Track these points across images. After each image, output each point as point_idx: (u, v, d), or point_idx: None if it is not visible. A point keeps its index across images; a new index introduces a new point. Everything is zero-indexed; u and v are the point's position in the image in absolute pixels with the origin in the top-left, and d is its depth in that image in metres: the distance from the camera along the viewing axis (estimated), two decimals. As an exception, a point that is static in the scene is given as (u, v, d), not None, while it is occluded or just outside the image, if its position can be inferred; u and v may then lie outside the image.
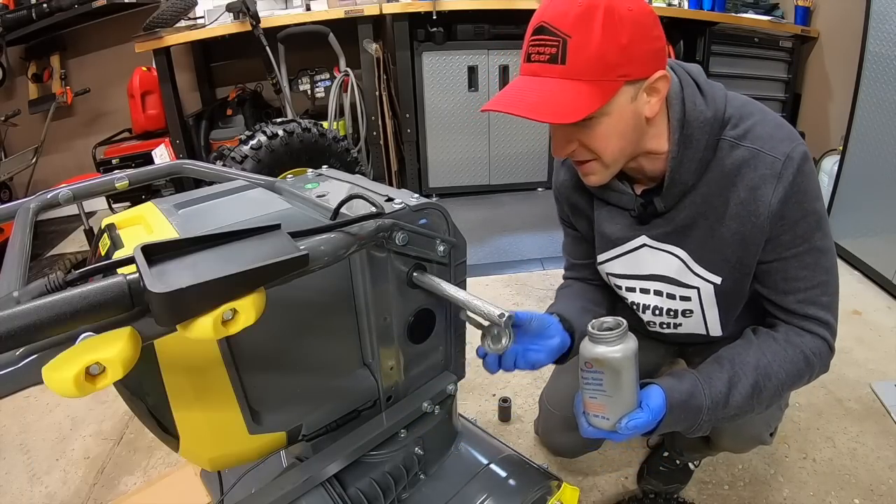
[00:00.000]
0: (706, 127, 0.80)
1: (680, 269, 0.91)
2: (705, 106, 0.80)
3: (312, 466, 0.72)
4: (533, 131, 3.15)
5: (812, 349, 0.84)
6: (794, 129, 0.83)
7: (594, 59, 0.70)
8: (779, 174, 0.78)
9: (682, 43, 3.10)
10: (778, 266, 0.85)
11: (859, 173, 2.20)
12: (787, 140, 0.79)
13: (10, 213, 0.88)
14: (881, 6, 1.98)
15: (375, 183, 0.78)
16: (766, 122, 0.81)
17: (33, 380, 0.41)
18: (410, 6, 2.77)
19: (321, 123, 2.43)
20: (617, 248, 0.96)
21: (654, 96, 0.76)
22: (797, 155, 0.78)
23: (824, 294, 0.85)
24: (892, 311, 1.97)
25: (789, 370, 0.83)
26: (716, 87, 0.84)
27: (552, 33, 0.71)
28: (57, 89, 3.24)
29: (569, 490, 0.88)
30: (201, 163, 1.09)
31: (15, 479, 1.45)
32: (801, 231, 0.82)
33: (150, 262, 0.42)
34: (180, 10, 2.74)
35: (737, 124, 0.81)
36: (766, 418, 0.98)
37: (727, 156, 0.81)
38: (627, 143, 0.79)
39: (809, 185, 0.80)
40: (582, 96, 0.71)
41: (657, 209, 0.88)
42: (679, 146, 0.81)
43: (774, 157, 0.78)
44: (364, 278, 0.68)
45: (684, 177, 0.83)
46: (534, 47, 0.73)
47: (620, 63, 0.70)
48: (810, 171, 0.80)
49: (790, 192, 0.79)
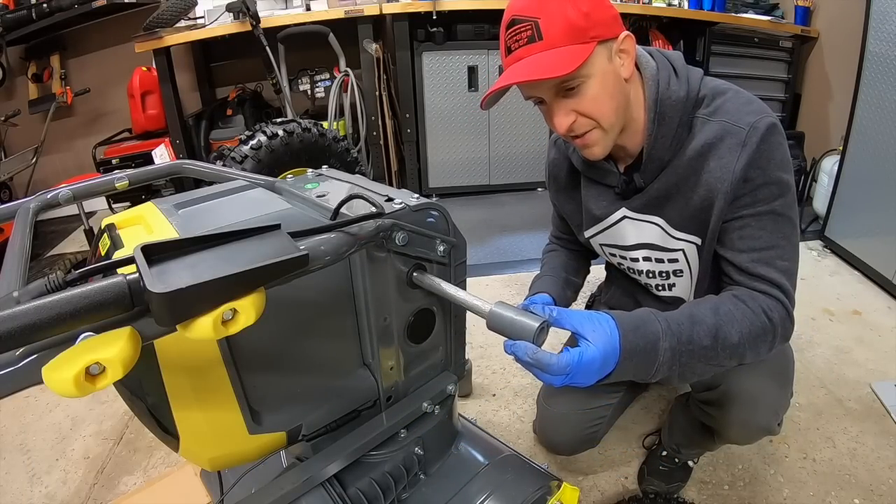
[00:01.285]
0: (678, 105, 0.87)
1: (661, 235, 0.97)
2: (678, 86, 0.87)
3: (312, 466, 0.72)
4: (533, 131, 3.15)
5: (768, 307, 0.81)
6: (766, 106, 0.87)
7: (566, 27, 0.77)
8: (743, 142, 0.83)
9: (682, 43, 3.10)
10: (736, 224, 0.86)
11: (859, 173, 2.20)
12: (755, 113, 0.84)
13: (10, 213, 0.88)
14: (881, 6, 1.98)
15: (375, 183, 0.78)
16: (737, 99, 0.87)
17: (33, 380, 0.41)
18: (410, 6, 2.77)
19: (321, 123, 2.43)
20: (601, 223, 1.04)
21: (625, 58, 0.84)
22: (762, 125, 0.83)
23: (780, 258, 0.84)
24: (892, 311, 1.96)
25: (752, 321, 0.79)
26: (693, 70, 0.91)
27: (523, 20, 0.79)
28: (57, 89, 3.24)
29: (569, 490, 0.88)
30: (201, 163, 1.09)
31: (15, 479, 1.45)
32: (762, 195, 0.84)
33: (150, 262, 0.42)
34: (180, 10, 2.73)
35: (709, 103, 0.88)
36: (773, 407, 0.98)
37: (700, 132, 0.87)
38: (617, 104, 0.85)
39: (774, 153, 0.84)
40: (565, 56, 0.78)
41: (637, 185, 0.94)
42: (654, 124, 0.88)
43: (740, 128, 0.83)
44: (364, 278, 0.68)
45: (660, 152, 0.89)
46: (511, 38, 0.81)
47: (588, 26, 0.78)
48: (777, 142, 0.84)
49: (753, 157, 0.82)
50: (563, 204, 1.13)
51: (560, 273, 1.15)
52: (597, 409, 1.22)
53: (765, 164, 0.83)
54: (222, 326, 0.43)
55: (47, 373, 0.38)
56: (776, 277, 0.83)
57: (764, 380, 0.97)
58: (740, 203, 0.85)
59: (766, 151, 0.82)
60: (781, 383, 1.00)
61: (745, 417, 0.98)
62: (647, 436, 1.44)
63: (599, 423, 1.22)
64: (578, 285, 1.20)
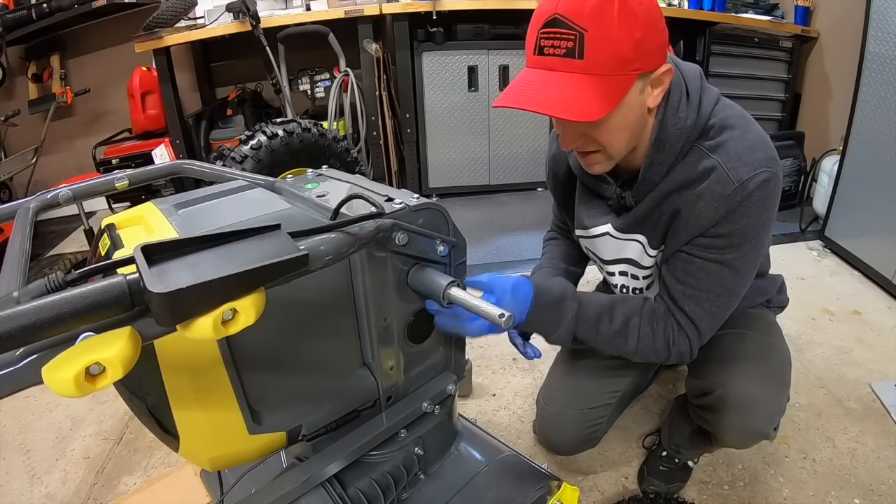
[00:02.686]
0: (682, 134, 0.82)
1: (640, 252, 0.97)
2: (686, 113, 0.81)
3: (312, 466, 0.72)
4: (533, 131, 3.15)
5: (673, 339, 0.90)
6: (772, 152, 0.82)
7: (612, 54, 0.70)
8: (726, 196, 0.80)
9: (682, 43, 3.10)
10: (685, 257, 0.88)
11: (859, 173, 2.20)
12: (753, 165, 0.79)
13: (10, 213, 0.88)
14: (881, 6, 1.98)
15: (375, 183, 0.78)
16: (744, 139, 0.81)
17: (33, 380, 0.41)
18: (410, 6, 2.77)
19: (321, 123, 2.43)
20: (586, 231, 1.04)
21: (657, 88, 0.78)
22: (753, 184, 0.79)
23: (710, 302, 0.87)
24: (892, 311, 1.96)
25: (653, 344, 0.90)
26: (710, 93, 0.85)
27: (568, 26, 0.70)
28: (57, 89, 3.23)
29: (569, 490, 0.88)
30: (201, 163, 1.09)
31: (15, 479, 1.45)
32: (719, 243, 0.83)
33: (150, 262, 0.42)
34: (180, 10, 2.73)
35: (714, 136, 0.82)
36: (769, 412, 0.98)
37: (695, 162, 0.83)
38: (632, 136, 0.82)
39: (752, 211, 0.80)
40: (601, 92, 0.71)
41: (627, 204, 0.93)
42: (653, 148, 0.84)
43: (730, 179, 0.79)
44: (364, 278, 0.68)
45: (654, 177, 0.87)
46: (547, 40, 0.72)
47: (635, 57, 0.71)
48: (760, 200, 0.80)
49: (729, 213, 0.80)
50: (558, 198, 1.15)
51: (559, 264, 1.17)
52: (596, 409, 1.22)
53: (737, 220, 0.81)
54: (222, 326, 0.43)
55: (47, 373, 0.38)
56: (696, 316, 0.88)
57: (760, 385, 0.96)
58: (698, 242, 0.85)
59: (744, 210, 0.80)
60: (778, 388, 0.99)
61: (741, 423, 0.97)
62: (647, 436, 1.44)
63: (599, 423, 1.22)
64: (578, 274, 1.21)
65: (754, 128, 0.84)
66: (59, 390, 0.38)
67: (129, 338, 0.41)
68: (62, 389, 0.38)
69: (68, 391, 0.38)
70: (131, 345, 0.41)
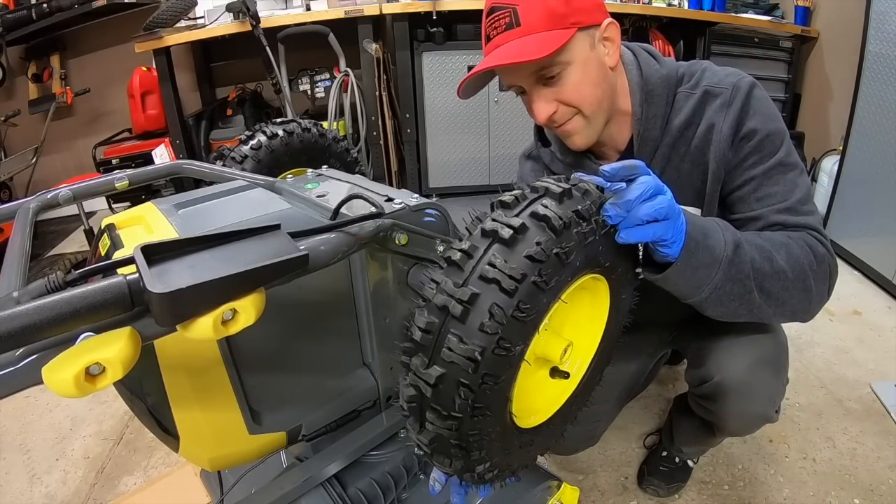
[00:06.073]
0: (664, 82, 0.89)
1: None
2: (659, 66, 0.89)
3: (312, 466, 0.72)
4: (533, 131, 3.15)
5: (809, 241, 0.81)
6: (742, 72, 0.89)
7: (544, 13, 0.78)
8: (728, 101, 0.85)
9: (682, 43, 3.10)
10: (748, 188, 0.87)
11: (859, 173, 2.20)
12: (735, 75, 0.87)
13: (10, 213, 0.88)
14: (881, 6, 1.98)
15: (375, 183, 0.78)
16: (716, 68, 0.90)
17: (33, 380, 0.41)
18: (410, 6, 2.77)
19: (321, 123, 2.42)
20: None
21: (609, 46, 0.84)
22: (744, 84, 0.85)
23: (801, 203, 0.85)
24: (892, 311, 1.96)
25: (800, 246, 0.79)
26: (667, 57, 0.94)
27: (502, 7, 0.79)
28: (57, 89, 3.23)
29: (569, 490, 0.88)
30: (201, 163, 1.09)
31: (15, 479, 1.45)
32: (766, 150, 0.85)
33: (150, 262, 0.42)
34: (180, 10, 2.73)
35: (689, 79, 0.90)
36: (769, 393, 0.98)
37: (684, 105, 0.89)
38: (602, 93, 0.85)
39: (761, 107, 0.85)
40: (543, 40, 0.78)
41: None
42: (643, 105, 0.89)
43: (723, 88, 0.86)
44: (364, 278, 0.68)
45: (652, 133, 0.90)
46: (490, 26, 0.81)
47: (568, 13, 0.78)
48: (761, 96, 0.86)
49: (741, 115, 0.84)
50: None
51: None
52: (595, 407, 1.21)
53: (755, 120, 0.84)
54: (222, 326, 0.43)
55: (47, 373, 0.38)
56: (808, 221, 0.85)
57: (757, 368, 0.97)
58: (745, 165, 0.86)
59: (752, 106, 0.84)
60: (775, 370, 1.00)
61: (742, 407, 0.98)
62: (647, 436, 1.44)
63: (598, 421, 1.22)
64: None
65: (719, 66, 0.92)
66: (59, 390, 0.38)
67: (129, 338, 0.41)
68: (62, 389, 0.38)
69: (68, 391, 0.38)
70: (131, 345, 0.41)
